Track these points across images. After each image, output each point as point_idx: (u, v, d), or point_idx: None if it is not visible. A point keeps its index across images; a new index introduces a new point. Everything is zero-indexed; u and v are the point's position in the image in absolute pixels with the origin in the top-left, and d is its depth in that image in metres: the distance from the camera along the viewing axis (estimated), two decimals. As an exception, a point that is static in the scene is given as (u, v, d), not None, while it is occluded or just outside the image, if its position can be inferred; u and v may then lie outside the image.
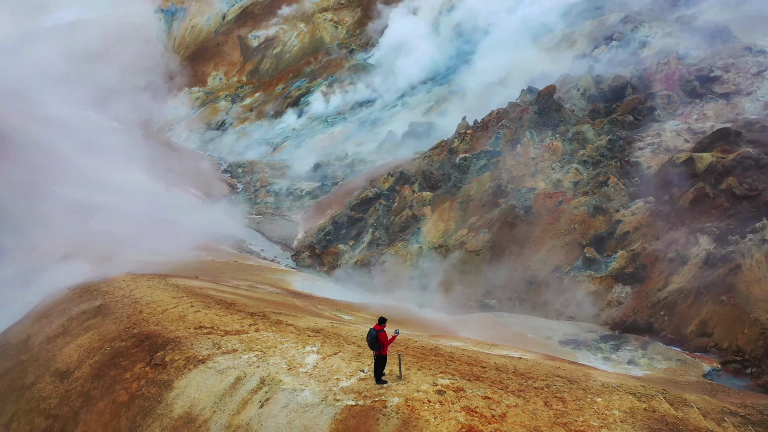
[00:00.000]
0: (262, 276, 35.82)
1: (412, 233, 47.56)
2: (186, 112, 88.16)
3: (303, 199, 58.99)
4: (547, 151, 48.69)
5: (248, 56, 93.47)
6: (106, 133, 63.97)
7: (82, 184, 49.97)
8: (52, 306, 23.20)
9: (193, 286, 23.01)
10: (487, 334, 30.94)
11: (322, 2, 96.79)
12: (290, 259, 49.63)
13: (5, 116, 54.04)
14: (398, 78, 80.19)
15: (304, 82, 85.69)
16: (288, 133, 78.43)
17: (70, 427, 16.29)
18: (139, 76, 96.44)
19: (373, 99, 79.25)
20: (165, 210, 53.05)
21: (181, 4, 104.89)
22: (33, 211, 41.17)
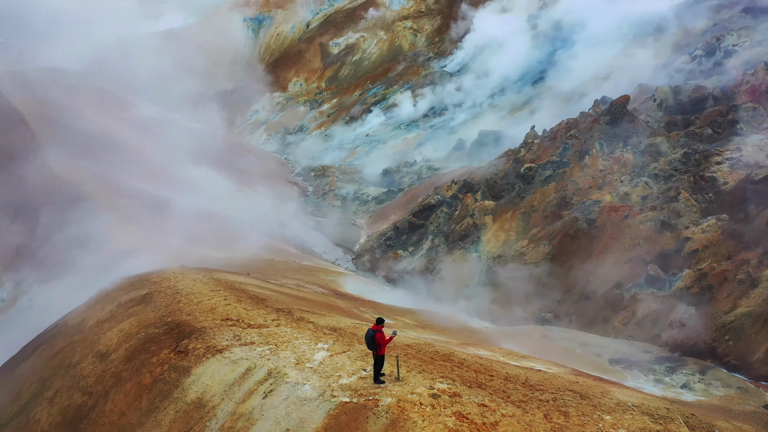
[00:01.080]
0: (315, 276, 36.69)
1: (471, 242, 47.22)
2: (266, 117, 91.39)
3: (369, 203, 59.80)
4: (617, 163, 47.06)
5: (328, 63, 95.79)
6: (187, 134, 67.37)
7: (160, 181, 52.94)
8: (107, 293, 24.84)
9: (233, 281, 24.03)
10: (530, 347, 30.35)
11: (403, 10, 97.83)
12: (351, 262, 50.43)
13: (96, 117, 58.14)
14: (479, 82, 79.78)
15: (380, 89, 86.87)
16: (361, 139, 79.71)
17: (100, 404, 17.47)
18: (226, 81, 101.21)
19: (446, 106, 79.28)
20: (235, 209, 55.34)
21: (269, 12, 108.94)
22: (113, 205, 44.06)
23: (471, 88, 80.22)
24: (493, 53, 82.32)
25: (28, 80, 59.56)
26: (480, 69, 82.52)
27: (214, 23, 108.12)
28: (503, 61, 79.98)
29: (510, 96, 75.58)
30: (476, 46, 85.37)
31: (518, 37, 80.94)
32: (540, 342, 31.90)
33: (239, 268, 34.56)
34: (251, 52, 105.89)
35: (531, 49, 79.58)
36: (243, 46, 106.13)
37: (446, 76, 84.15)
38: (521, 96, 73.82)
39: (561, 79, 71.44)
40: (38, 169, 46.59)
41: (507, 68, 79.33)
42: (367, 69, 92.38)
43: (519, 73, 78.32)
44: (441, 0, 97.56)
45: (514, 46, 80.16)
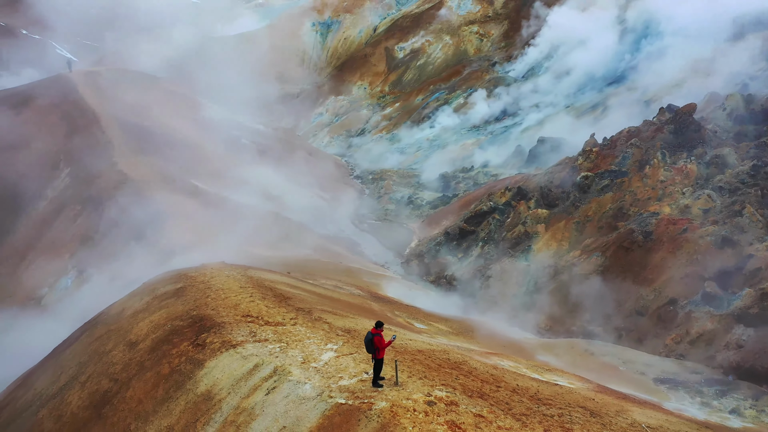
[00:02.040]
0: (358, 279, 36.95)
1: (521, 250, 46.32)
2: (330, 119, 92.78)
3: (422, 208, 59.69)
4: (679, 174, 45.02)
5: (393, 67, 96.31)
6: (250, 135, 69.29)
7: (220, 180, 54.70)
8: (148, 285, 25.90)
9: (264, 279, 24.54)
10: (568, 361, 29.51)
11: (470, 15, 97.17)
12: (400, 266, 50.47)
13: (164, 117, 60.70)
14: (545, 87, 78.07)
15: (443, 94, 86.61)
16: (421, 143, 79.68)
17: (123, 391, 18.23)
18: (293, 85, 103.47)
19: (508, 112, 78.13)
20: (290, 209, 56.49)
21: (337, 17, 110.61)
22: (171, 202, 45.86)
23: (535, 93, 78.64)
24: (566, 55, 79.55)
25: (102, 81, 62.88)
26: (548, 73, 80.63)
27: (284, 28, 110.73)
28: (576, 62, 76.94)
29: (581, 99, 73.09)
30: (547, 49, 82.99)
31: (597, 36, 76.77)
32: (581, 356, 30.91)
33: (283, 267, 35.24)
34: (318, 56, 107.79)
35: (609, 49, 75.33)
36: (311, 50, 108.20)
37: (511, 81, 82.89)
38: (595, 98, 71.07)
39: (642, 81, 67.85)
40: (106, 165, 49.10)
41: (580, 70, 76.15)
42: (431, 73, 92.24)
43: (594, 75, 74.79)
44: (509, 4, 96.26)
45: (591, 46, 76.68)
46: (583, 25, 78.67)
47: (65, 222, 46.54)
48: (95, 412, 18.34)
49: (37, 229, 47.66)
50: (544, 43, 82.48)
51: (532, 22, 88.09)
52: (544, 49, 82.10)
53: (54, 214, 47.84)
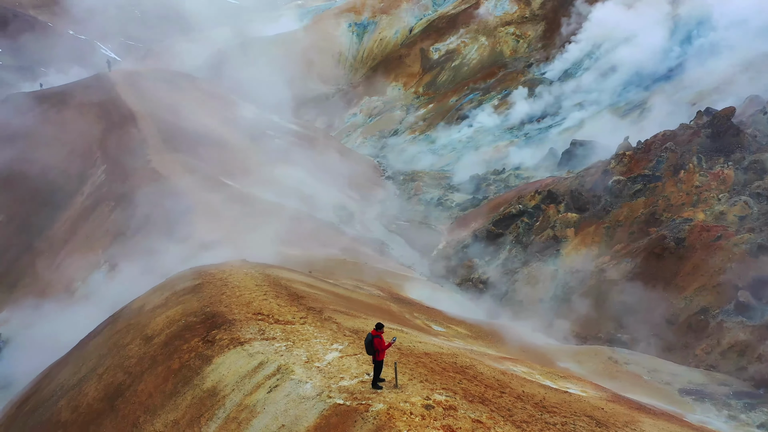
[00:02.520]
0: (381, 279, 36.92)
1: (550, 255, 45.62)
2: (363, 120, 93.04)
3: (452, 210, 59.34)
4: (715, 179, 43.70)
5: (427, 68, 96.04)
6: (283, 135, 69.96)
7: (251, 178, 55.38)
8: (170, 281, 26.36)
9: (281, 278, 24.70)
10: (590, 369, 28.96)
11: (506, 16, 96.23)
12: (426, 267, 50.27)
13: (199, 116, 61.78)
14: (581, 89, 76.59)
15: (477, 95, 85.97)
16: (454, 145, 79.22)
17: (135, 384, 18.58)
18: (328, 85, 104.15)
19: (543, 114, 77.05)
20: (319, 209, 56.83)
21: (373, 18, 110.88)
22: (201, 199, 46.62)
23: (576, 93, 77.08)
24: (609, 52, 76.79)
25: (140, 80, 64.35)
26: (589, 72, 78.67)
27: (321, 28, 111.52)
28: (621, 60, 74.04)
29: (625, 98, 71.05)
30: (589, 46, 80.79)
31: (644, 32, 73.37)
32: (604, 364, 30.27)
33: (307, 266, 35.46)
34: (354, 56, 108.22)
35: (656, 45, 72.23)
36: (347, 50, 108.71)
37: (546, 83, 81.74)
38: (639, 97, 68.83)
39: (690, 79, 65.05)
40: (139, 162, 50.21)
41: (625, 68, 73.25)
42: (466, 75, 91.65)
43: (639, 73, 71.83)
44: (546, 5, 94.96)
45: (637, 42, 73.59)
46: (630, 20, 76.01)
47: (100, 217, 47.76)
48: (108, 404, 18.74)
49: (73, 224, 49.04)
50: (587, 40, 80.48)
51: (573, 19, 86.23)
52: (586, 47, 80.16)
53: (89, 210, 49.14)
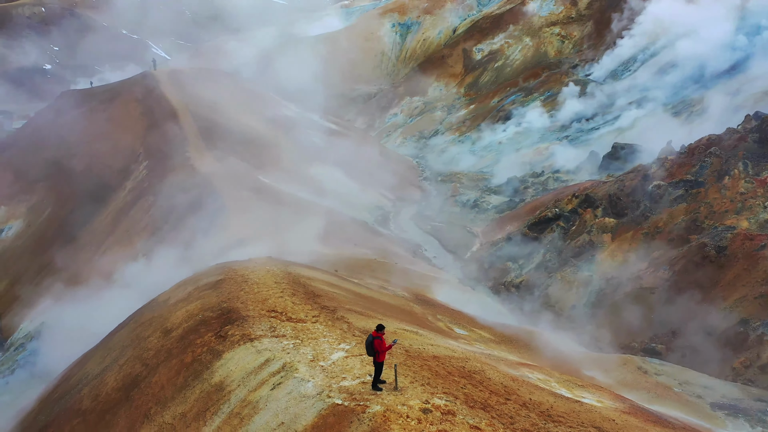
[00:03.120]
0: (409, 280, 36.75)
1: (585, 260, 44.60)
2: (404, 120, 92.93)
3: (488, 212, 58.69)
4: (762, 186, 41.98)
5: (470, 69, 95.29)
6: (323, 134, 70.46)
7: (288, 177, 55.97)
8: (195, 276, 26.84)
9: (302, 276, 24.84)
10: (617, 378, 28.19)
11: (552, 16, 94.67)
12: (459, 269, 49.84)
13: (239, 114, 62.77)
14: (628, 89, 74.67)
15: (519, 96, 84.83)
16: (494, 147, 78.37)
17: (150, 376, 18.97)
18: (370, 85, 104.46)
19: (586, 117, 75.45)
20: (355, 208, 57.02)
21: (417, 18, 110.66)
22: (237, 197, 47.36)
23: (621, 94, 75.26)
24: (665, 49, 74.64)
25: (183, 78, 65.78)
26: (640, 71, 76.73)
27: (364, 28, 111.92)
28: (678, 57, 71.80)
29: (680, 96, 68.55)
30: (643, 41, 78.23)
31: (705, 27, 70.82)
32: (632, 374, 29.38)
33: (337, 264, 35.62)
34: (397, 56, 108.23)
35: (717, 41, 69.15)
36: (389, 51, 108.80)
37: (591, 85, 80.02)
38: (695, 96, 66.30)
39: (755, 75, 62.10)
40: (179, 159, 51.34)
41: (683, 66, 70.76)
42: (509, 75, 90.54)
43: (697, 71, 69.20)
44: (594, 5, 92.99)
45: (696, 38, 71.10)
46: (690, 13, 73.39)
47: (139, 212, 49.05)
48: (125, 394, 19.18)
49: (115, 218, 50.52)
50: (641, 35, 78.02)
51: (625, 15, 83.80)
52: (640, 41, 77.54)
53: (130, 204, 50.53)
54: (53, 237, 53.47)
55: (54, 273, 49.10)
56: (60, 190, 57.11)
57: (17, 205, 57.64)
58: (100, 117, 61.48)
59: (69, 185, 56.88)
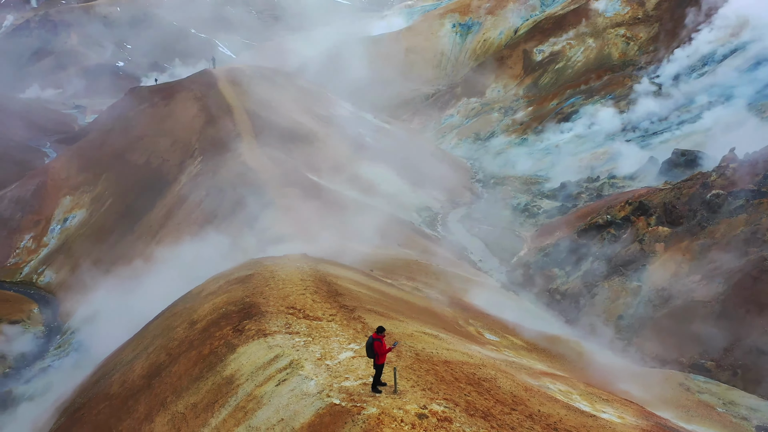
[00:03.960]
0: (446, 283, 36.37)
1: (634, 270, 42.96)
2: (460, 121, 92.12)
3: (538, 216, 57.43)
4: (831, 198, 39.38)
5: (529, 70, 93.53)
6: (376, 134, 70.69)
7: (337, 175, 56.43)
8: (229, 270, 27.40)
9: (328, 274, 24.92)
10: (656, 394, 27.01)
11: (617, 17, 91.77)
12: (504, 274, 48.99)
13: (293, 112, 63.72)
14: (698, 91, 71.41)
15: (579, 99, 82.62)
16: (550, 150, 76.65)
17: (171, 365, 19.46)
18: (428, 85, 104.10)
19: (648, 121, 72.73)
20: (402, 208, 56.92)
21: (478, 18, 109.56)
22: (284, 193, 48.07)
23: (688, 97, 72.06)
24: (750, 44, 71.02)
25: (241, 77, 67.28)
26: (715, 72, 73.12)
27: (424, 29, 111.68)
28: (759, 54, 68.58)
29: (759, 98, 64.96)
30: (723, 34, 74.61)
31: None
32: (674, 390, 28.10)
33: (375, 264, 35.63)
34: (456, 57, 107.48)
35: None
36: (449, 51, 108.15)
37: (656, 88, 77.09)
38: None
39: None
40: (231, 155, 52.58)
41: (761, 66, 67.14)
42: (569, 78, 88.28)
43: None
44: (662, 5, 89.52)
45: None
46: None
47: (192, 205, 50.52)
48: (147, 381, 19.75)
49: (169, 210, 52.20)
50: (721, 29, 74.43)
51: (703, 9, 79.77)
52: (719, 35, 73.95)
53: (184, 198, 52.12)
54: (112, 227, 55.79)
55: (111, 262, 51.22)
56: (121, 182, 59.51)
57: (81, 196, 60.44)
58: (161, 113, 63.70)
59: (129, 177, 59.22)
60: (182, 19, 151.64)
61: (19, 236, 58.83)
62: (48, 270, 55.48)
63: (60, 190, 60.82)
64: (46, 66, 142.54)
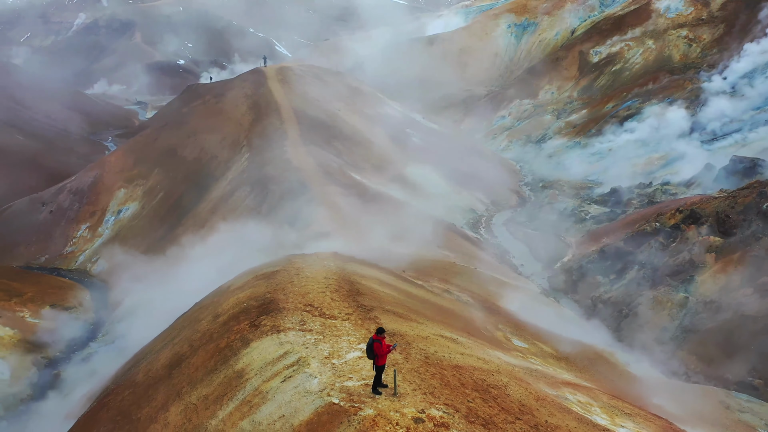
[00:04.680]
0: (481, 286, 35.85)
1: (682, 280, 41.28)
2: (511, 123, 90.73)
3: (585, 222, 55.92)
4: None
5: (585, 72, 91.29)
6: (422, 133, 70.42)
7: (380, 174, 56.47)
8: (257, 266, 27.77)
9: (354, 273, 24.89)
10: (692, 411, 25.87)
11: (679, 17, 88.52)
12: (545, 279, 47.95)
13: (340, 110, 64.15)
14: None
15: (635, 102, 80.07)
16: (604, 154, 74.59)
17: (191, 357, 19.84)
18: (480, 86, 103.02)
19: (711, 126, 69.80)
20: (445, 209, 56.48)
21: (534, 19, 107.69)
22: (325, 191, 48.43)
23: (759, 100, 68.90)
24: None
25: (291, 75, 68.21)
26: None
27: (479, 29, 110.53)
28: None
29: None
30: None
31: None
32: (711, 408, 26.85)
33: (410, 264, 35.42)
34: (510, 58, 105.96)
35: None
36: (503, 52, 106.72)
37: (719, 92, 73.92)
38: None
39: None
40: (276, 152, 53.33)
41: None
42: (626, 80, 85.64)
43: None
44: (728, 6, 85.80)
45: None
46: None
47: (236, 201, 51.51)
48: (168, 371, 20.21)
49: (215, 205, 53.38)
50: None
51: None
52: None
53: (229, 194, 53.19)
54: (162, 220, 57.50)
55: (158, 253, 52.75)
56: (172, 177, 61.24)
57: (135, 189, 62.51)
58: (213, 110, 65.24)
59: (180, 172, 60.89)
60: (242, 19, 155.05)
61: (76, 226, 61.32)
62: (101, 259, 57.63)
63: (115, 182, 63.06)
64: (112, 63, 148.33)
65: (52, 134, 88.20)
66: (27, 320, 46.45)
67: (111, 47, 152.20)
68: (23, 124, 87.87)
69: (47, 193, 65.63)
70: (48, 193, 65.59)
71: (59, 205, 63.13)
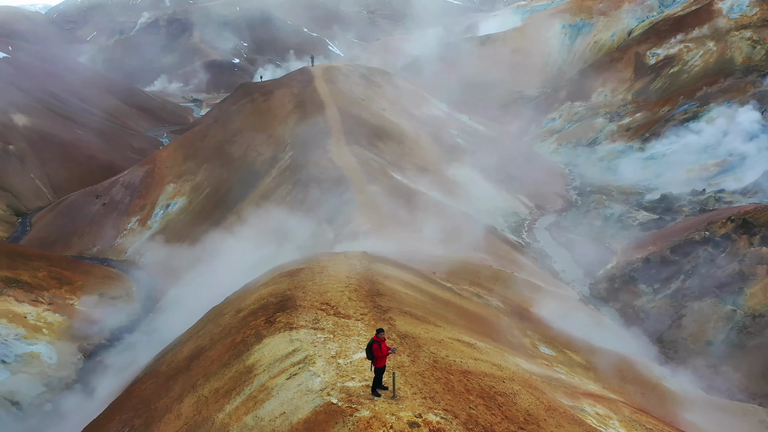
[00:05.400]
0: (515, 291, 35.19)
1: (730, 292, 39.50)
2: (561, 126, 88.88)
3: (632, 229, 54.20)
4: None
5: (640, 74, 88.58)
6: (467, 135, 69.75)
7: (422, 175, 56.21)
8: (285, 263, 28.03)
9: (378, 273, 24.78)
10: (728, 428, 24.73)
11: (743, 18, 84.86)
12: (587, 286, 46.74)
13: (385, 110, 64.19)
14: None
15: (693, 106, 77.18)
16: (657, 159, 72.24)
17: (209, 350, 20.16)
18: (532, 88, 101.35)
19: (770, 132, 66.63)
20: (487, 212, 55.77)
21: (590, 19, 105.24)
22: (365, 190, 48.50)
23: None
24: None
25: (337, 75, 68.68)
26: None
27: (533, 29, 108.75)
28: None
29: None
30: None
31: None
32: (750, 426, 25.58)
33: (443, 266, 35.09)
34: (563, 59, 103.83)
35: None
36: (556, 53, 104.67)
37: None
38: None
39: None
40: (319, 151, 53.78)
41: None
42: (684, 83, 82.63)
43: None
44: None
45: None
46: None
47: (277, 198, 52.22)
48: (188, 364, 20.61)
49: (257, 202, 54.23)
50: None
51: None
52: None
53: (272, 191, 53.96)
54: (207, 215, 58.82)
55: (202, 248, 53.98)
56: (219, 173, 62.61)
57: (183, 184, 64.19)
58: (260, 108, 66.35)
59: (226, 169, 62.18)
60: (296, 19, 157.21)
61: (127, 219, 63.43)
62: (149, 251, 59.39)
63: (165, 177, 64.92)
64: (171, 61, 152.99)
65: (109, 129, 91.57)
66: (76, 308, 48.29)
67: (171, 45, 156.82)
68: (84, 119, 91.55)
69: (101, 186, 68.15)
70: (102, 186, 68.10)
71: (112, 198, 65.45)
